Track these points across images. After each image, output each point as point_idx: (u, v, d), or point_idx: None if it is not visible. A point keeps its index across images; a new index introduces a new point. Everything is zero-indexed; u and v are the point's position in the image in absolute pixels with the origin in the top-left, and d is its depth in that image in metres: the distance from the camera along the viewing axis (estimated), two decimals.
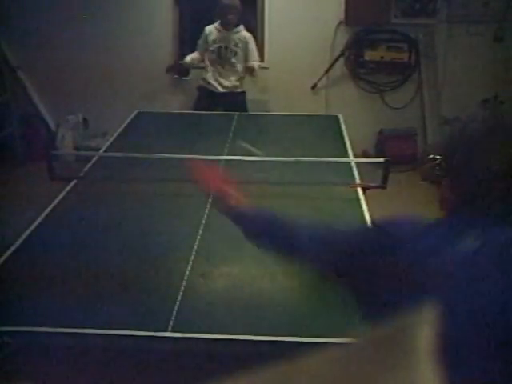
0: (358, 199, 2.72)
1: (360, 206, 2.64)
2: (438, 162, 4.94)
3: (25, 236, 2.36)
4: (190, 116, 4.43)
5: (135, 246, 2.33)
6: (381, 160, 3.09)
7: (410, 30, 5.06)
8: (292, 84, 5.18)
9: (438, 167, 5.37)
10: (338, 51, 5.17)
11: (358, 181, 2.96)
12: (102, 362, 1.70)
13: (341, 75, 5.29)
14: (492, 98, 5.15)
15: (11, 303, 1.90)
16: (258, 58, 4.54)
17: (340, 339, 1.45)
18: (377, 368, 0.28)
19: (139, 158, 3.07)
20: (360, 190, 2.83)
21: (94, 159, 3.26)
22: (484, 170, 0.97)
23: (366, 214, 2.55)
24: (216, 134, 3.67)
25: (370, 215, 2.51)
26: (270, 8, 5.08)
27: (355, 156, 3.54)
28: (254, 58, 4.47)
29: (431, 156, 5.01)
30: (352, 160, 3.27)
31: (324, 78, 5.25)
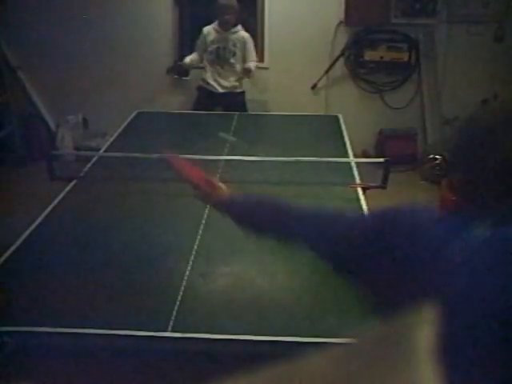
0: (358, 199, 2.72)
1: (360, 206, 2.63)
2: (438, 161, 4.96)
3: (25, 236, 2.36)
4: (190, 116, 4.43)
5: (135, 245, 2.33)
6: (381, 160, 3.09)
7: (410, 30, 5.06)
8: (292, 84, 5.18)
9: (438, 167, 5.34)
10: (338, 51, 5.17)
11: (358, 181, 2.96)
12: (102, 361, 1.70)
13: (341, 75, 5.29)
14: (492, 97, 5.15)
15: (11, 303, 1.90)
16: (255, 59, 4.51)
17: (340, 339, 1.45)
18: (377, 368, 0.28)
19: (139, 157, 3.07)
20: (360, 190, 2.83)
21: (94, 159, 3.26)
22: (497, 163, 0.95)
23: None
24: (216, 134, 3.67)
25: None
26: (270, 8, 5.08)
27: (355, 156, 3.53)
28: (252, 59, 4.45)
29: (431, 156, 5.01)
30: (352, 160, 3.26)
31: (324, 78, 5.25)
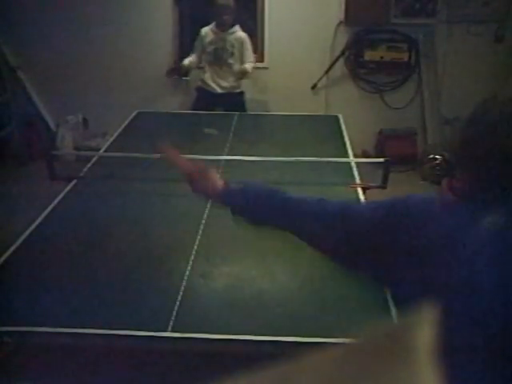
0: (358, 199, 2.72)
1: None
2: (438, 161, 4.96)
3: (25, 236, 2.36)
4: (190, 116, 4.43)
5: (135, 245, 2.33)
6: (381, 160, 3.09)
7: (410, 30, 5.05)
8: (292, 84, 5.18)
9: (438, 167, 5.33)
10: (338, 51, 5.16)
11: (358, 181, 2.96)
12: (102, 362, 1.70)
13: (341, 75, 5.29)
14: (492, 97, 5.14)
15: (11, 303, 1.90)
16: (253, 59, 4.49)
17: (340, 339, 1.45)
18: (377, 368, 0.28)
19: (139, 157, 3.07)
20: (360, 190, 2.83)
21: (94, 159, 3.26)
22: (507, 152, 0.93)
23: None
24: (216, 134, 3.67)
25: None
26: (270, 8, 5.08)
27: (355, 156, 3.54)
28: (249, 59, 4.42)
29: (431, 156, 5.01)
30: (352, 160, 3.27)
31: (324, 78, 5.25)
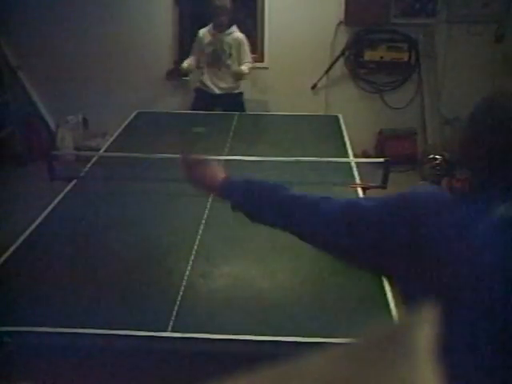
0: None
1: None
2: (438, 161, 4.95)
3: (25, 236, 2.36)
4: (190, 116, 4.43)
5: (135, 245, 2.33)
6: (381, 160, 3.09)
7: (410, 30, 5.05)
8: (292, 84, 5.18)
9: (438, 167, 5.33)
10: (338, 51, 5.16)
11: (358, 181, 2.96)
12: (102, 362, 1.70)
13: (341, 75, 5.29)
14: (497, 93, 5.14)
15: (11, 303, 1.90)
16: (250, 59, 4.45)
17: (340, 339, 1.45)
18: (377, 368, 0.28)
19: (139, 157, 3.07)
20: (360, 190, 2.83)
21: (94, 159, 3.26)
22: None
23: None
24: (216, 134, 3.67)
25: None
26: (270, 8, 5.08)
27: (355, 156, 3.54)
28: (247, 60, 4.40)
29: (431, 156, 5.01)
30: (352, 160, 3.27)
31: (324, 78, 5.25)
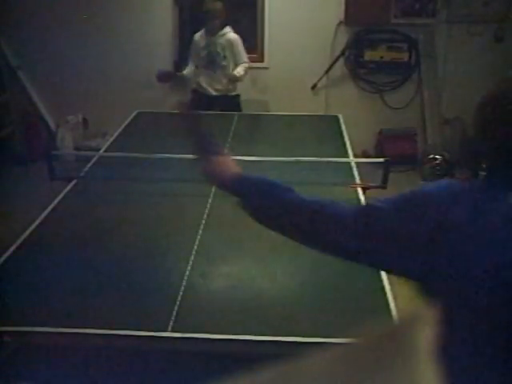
0: (358, 199, 2.72)
1: None
2: (438, 161, 4.96)
3: (25, 236, 2.36)
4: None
5: (135, 245, 2.33)
6: (381, 160, 3.10)
7: (410, 30, 5.05)
8: (292, 84, 5.18)
9: (438, 167, 5.34)
10: (338, 51, 5.16)
11: (358, 181, 2.96)
12: (102, 362, 1.70)
13: (341, 75, 5.29)
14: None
15: (11, 303, 1.90)
16: (246, 59, 4.42)
17: (340, 339, 1.45)
18: (377, 368, 0.28)
19: (139, 157, 3.07)
20: (360, 190, 2.83)
21: (94, 159, 3.26)
22: None
23: None
24: (216, 134, 3.67)
25: None
26: (270, 8, 5.07)
27: (355, 156, 3.54)
28: (242, 60, 4.38)
29: (431, 156, 5.01)
30: (352, 160, 3.26)
31: (324, 78, 5.25)
